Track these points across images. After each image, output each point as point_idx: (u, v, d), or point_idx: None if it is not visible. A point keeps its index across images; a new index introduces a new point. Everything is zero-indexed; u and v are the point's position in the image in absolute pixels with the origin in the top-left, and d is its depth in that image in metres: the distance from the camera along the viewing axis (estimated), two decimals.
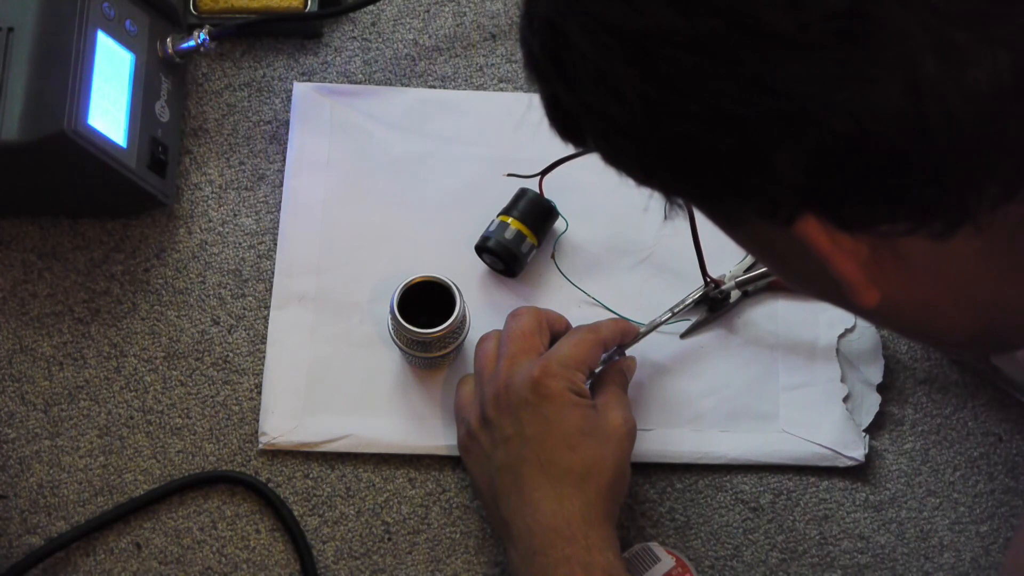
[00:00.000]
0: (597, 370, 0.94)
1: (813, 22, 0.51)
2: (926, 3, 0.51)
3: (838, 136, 0.53)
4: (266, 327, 1.00)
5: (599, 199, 1.01)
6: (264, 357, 0.99)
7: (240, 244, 1.03)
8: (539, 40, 0.58)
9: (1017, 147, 0.54)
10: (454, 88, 1.07)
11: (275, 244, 1.02)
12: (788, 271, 0.67)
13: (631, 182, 0.61)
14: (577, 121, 0.60)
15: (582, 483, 0.86)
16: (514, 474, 0.87)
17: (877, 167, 0.53)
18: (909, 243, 0.57)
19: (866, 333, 0.99)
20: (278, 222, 1.03)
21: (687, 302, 0.98)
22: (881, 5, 0.51)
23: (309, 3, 1.08)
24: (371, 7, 1.09)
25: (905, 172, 0.54)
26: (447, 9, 1.10)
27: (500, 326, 0.95)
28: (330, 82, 1.07)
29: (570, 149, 0.63)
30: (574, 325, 0.95)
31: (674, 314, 0.97)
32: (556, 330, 0.94)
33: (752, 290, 0.99)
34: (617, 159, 0.60)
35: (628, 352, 0.95)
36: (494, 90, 1.07)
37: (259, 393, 0.99)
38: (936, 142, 0.52)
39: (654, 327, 0.96)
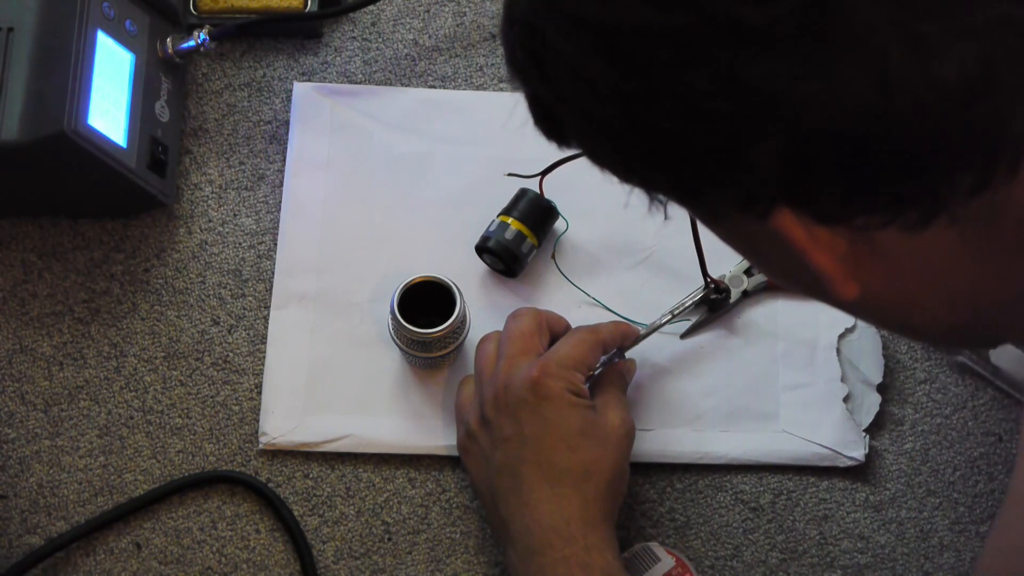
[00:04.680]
0: (596, 371, 0.94)
1: (781, 16, 0.51)
2: None
3: (810, 130, 0.53)
4: (266, 327, 1.00)
5: (599, 199, 1.01)
6: (264, 357, 0.99)
7: (240, 244, 1.03)
8: (519, 40, 0.59)
9: (988, 138, 0.54)
10: (454, 88, 1.07)
11: (275, 244, 1.02)
12: (770, 266, 0.67)
13: (614, 179, 0.61)
14: (558, 119, 0.60)
15: (580, 484, 0.86)
16: (513, 475, 0.87)
17: (849, 160, 0.54)
18: (886, 236, 0.57)
19: (866, 333, 0.99)
20: (278, 222, 1.03)
21: (687, 303, 0.98)
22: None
23: (309, 3, 1.08)
24: (371, 7, 1.09)
25: (877, 164, 0.54)
26: (447, 9, 1.10)
27: (500, 326, 0.95)
28: (330, 82, 1.07)
29: (567, 149, 0.64)
30: (574, 325, 0.95)
31: (674, 316, 0.97)
32: (556, 331, 0.94)
33: (752, 291, 0.99)
34: (597, 155, 0.61)
35: (628, 354, 0.95)
36: (494, 90, 1.07)
37: (259, 393, 0.99)
38: (906, 134, 0.53)
39: (654, 329, 0.96)
